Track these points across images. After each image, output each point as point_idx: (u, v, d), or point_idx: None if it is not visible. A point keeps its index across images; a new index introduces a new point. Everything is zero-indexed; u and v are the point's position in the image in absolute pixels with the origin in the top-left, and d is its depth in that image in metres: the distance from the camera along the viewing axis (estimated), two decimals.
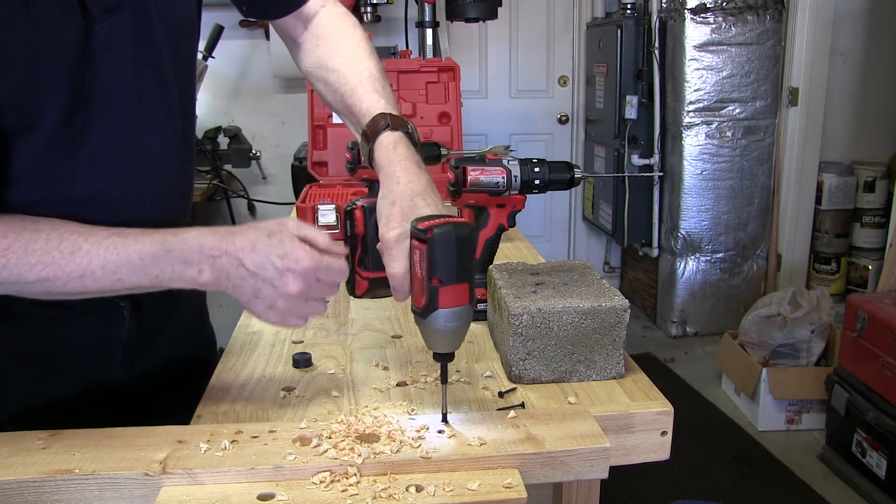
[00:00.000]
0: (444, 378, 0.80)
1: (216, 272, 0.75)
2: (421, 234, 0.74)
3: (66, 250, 0.72)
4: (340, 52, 0.99)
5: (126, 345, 0.94)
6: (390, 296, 0.84)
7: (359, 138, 0.94)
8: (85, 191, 0.82)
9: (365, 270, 0.89)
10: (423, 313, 0.76)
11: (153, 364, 0.99)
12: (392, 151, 0.86)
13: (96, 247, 0.73)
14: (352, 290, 0.92)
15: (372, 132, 0.88)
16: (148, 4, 0.83)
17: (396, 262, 0.79)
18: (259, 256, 0.74)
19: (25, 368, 0.89)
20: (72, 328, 0.89)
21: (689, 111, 3.38)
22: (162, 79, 0.87)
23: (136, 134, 0.85)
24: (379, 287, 0.89)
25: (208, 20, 2.89)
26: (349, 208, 0.88)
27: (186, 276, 0.75)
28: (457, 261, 0.74)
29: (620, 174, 3.69)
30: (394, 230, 0.79)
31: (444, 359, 0.79)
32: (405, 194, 0.82)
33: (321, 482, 0.67)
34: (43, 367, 0.89)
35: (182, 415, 0.87)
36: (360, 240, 0.89)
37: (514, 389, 0.92)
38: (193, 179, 1.03)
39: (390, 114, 0.89)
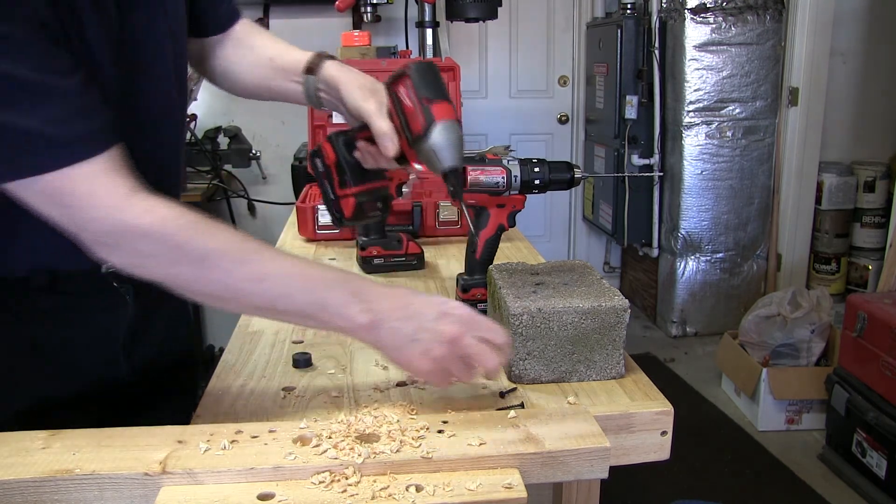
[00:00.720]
0: (459, 193, 0.86)
1: (376, 315, 0.77)
2: (400, 72, 0.87)
3: (247, 254, 0.76)
4: (262, 35, 1.09)
5: (128, 330, 0.96)
6: (375, 215, 0.93)
7: (294, 88, 1.01)
8: (136, 155, 0.86)
9: (347, 188, 0.94)
10: (425, 132, 0.85)
11: (149, 353, 1.01)
12: (341, 67, 0.97)
13: (278, 260, 0.77)
14: (339, 217, 0.95)
15: (316, 64, 0.98)
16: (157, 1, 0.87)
17: (382, 121, 0.88)
18: (420, 303, 0.79)
19: (32, 362, 0.90)
20: (78, 317, 0.90)
21: (689, 111, 3.38)
22: (165, 74, 0.92)
23: (149, 121, 0.90)
24: (366, 200, 0.94)
25: None
26: (315, 149, 0.95)
27: (349, 312, 0.77)
28: (436, 82, 0.87)
29: (620, 174, 3.69)
30: (370, 101, 0.90)
31: (455, 174, 0.86)
32: (365, 82, 0.93)
33: (321, 482, 0.67)
34: (48, 360, 0.90)
35: (171, 404, 0.88)
36: (333, 167, 0.94)
37: (514, 389, 0.92)
38: (184, 162, 1.07)
39: (325, 52, 1.00)
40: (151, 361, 1.02)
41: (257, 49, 1.06)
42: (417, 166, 0.91)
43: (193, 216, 0.75)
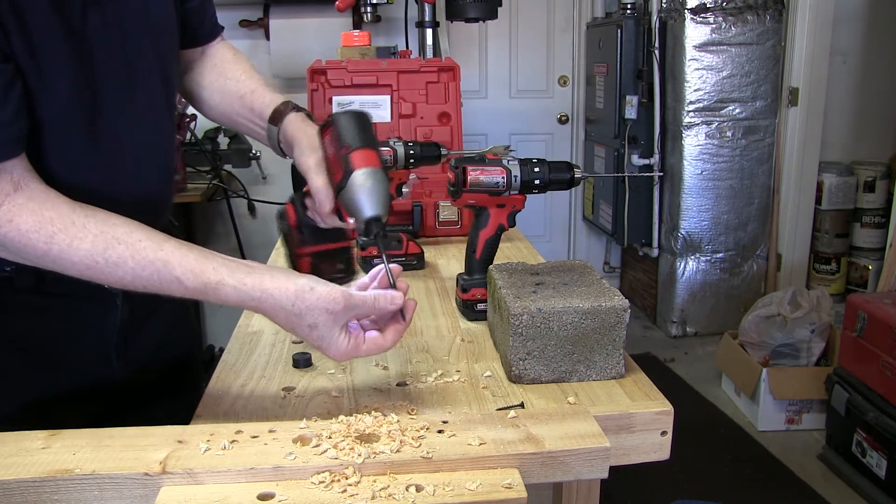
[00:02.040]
0: (381, 248, 0.82)
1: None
2: (325, 122, 0.87)
3: (110, 259, 0.74)
4: (237, 67, 1.10)
5: (119, 332, 0.96)
6: (338, 276, 0.91)
7: (258, 131, 1.03)
8: (100, 161, 0.86)
9: (305, 247, 0.94)
10: (342, 182, 0.83)
11: (144, 354, 1.01)
12: (301, 122, 0.97)
13: (140, 268, 0.75)
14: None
15: (279, 115, 0.99)
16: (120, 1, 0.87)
17: (318, 177, 0.88)
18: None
19: (23, 360, 0.90)
20: (67, 317, 0.91)
21: (689, 111, 3.38)
22: (146, 72, 0.91)
23: (125, 126, 0.89)
24: (321, 261, 0.93)
25: None
26: (280, 211, 0.95)
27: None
28: (359, 129, 0.85)
29: (620, 174, 3.69)
30: (311, 157, 0.90)
31: (376, 225, 0.83)
32: (316, 143, 0.92)
33: (321, 482, 0.67)
34: (40, 358, 0.91)
35: (171, 405, 0.88)
36: (294, 229, 0.94)
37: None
38: (173, 179, 1.07)
39: (292, 102, 1.01)
40: (147, 362, 1.01)
41: (230, 82, 1.07)
42: (351, 220, 0.87)
43: (55, 225, 0.74)
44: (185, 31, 1.03)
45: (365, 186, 0.81)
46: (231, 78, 1.08)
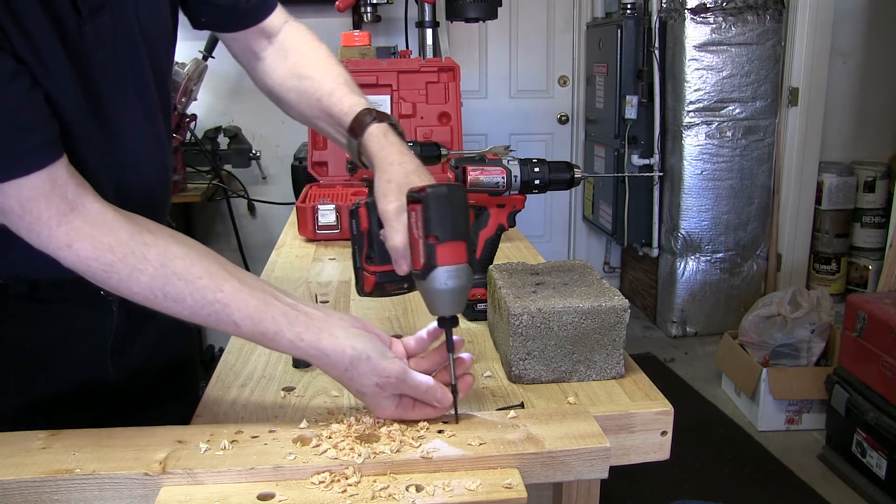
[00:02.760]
0: (450, 346, 0.78)
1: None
2: (415, 196, 0.76)
3: (169, 295, 0.73)
4: (312, 60, 1.00)
5: (115, 337, 0.95)
6: (400, 292, 0.85)
7: (339, 139, 0.95)
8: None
9: (372, 265, 0.89)
10: (422, 274, 0.76)
11: (140, 358, 1.00)
12: (384, 139, 0.88)
13: (199, 307, 0.73)
14: (360, 288, 0.91)
15: (360, 126, 0.90)
16: (127, 6, 0.84)
17: (397, 234, 0.80)
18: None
19: (16, 366, 0.89)
20: (62, 322, 0.90)
21: (689, 111, 3.38)
22: (142, 79, 0.89)
23: (119, 133, 0.87)
24: (387, 281, 0.89)
25: None
26: (354, 207, 0.89)
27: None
28: (451, 218, 0.75)
29: (620, 174, 3.69)
30: (392, 203, 0.81)
31: (448, 323, 0.78)
32: (400, 172, 0.84)
33: (321, 482, 0.67)
34: (34, 364, 0.90)
35: (168, 409, 0.88)
36: (365, 236, 0.88)
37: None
38: (171, 180, 1.03)
39: (374, 109, 0.91)
40: (143, 367, 1.00)
41: (305, 81, 0.98)
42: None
43: (115, 254, 0.72)
44: (222, 11, 0.98)
45: (447, 287, 0.75)
46: (306, 76, 0.98)
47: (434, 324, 0.79)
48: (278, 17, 1.03)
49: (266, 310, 0.74)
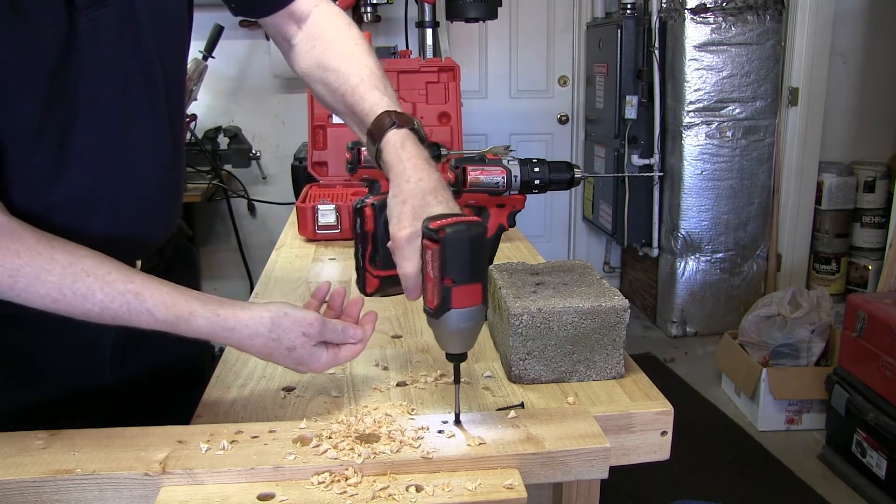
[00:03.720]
0: (456, 378, 0.80)
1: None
2: (433, 234, 0.72)
3: (78, 292, 0.72)
4: (338, 50, 0.96)
5: (114, 346, 0.94)
6: (401, 293, 0.84)
7: (363, 138, 0.92)
8: (67, 193, 0.82)
9: (376, 268, 0.89)
10: (435, 314, 0.74)
11: (143, 367, 0.99)
12: (401, 149, 0.83)
13: (109, 299, 0.72)
14: (363, 288, 0.91)
15: (378, 131, 0.85)
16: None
17: (408, 262, 0.77)
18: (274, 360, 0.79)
19: (13, 373, 0.88)
20: (59, 332, 0.88)
21: (689, 111, 3.38)
22: (148, 76, 0.87)
23: (121, 132, 0.85)
24: (390, 285, 0.88)
25: (208, 20, 2.89)
26: (359, 206, 0.87)
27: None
28: (469, 261, 0.72)
29: (620, 174, 3.69)
30: (405, 229, 0.77)
31: (457, 359, 0.79)
32: (416, 193, 0.79)
33: (321, 482, 0.67)
34: (31, 372, 0.89)
35: (172, 419, 0.87)
36: (370, 237, 0.88)
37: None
38: (183, 181, 1.02)
39: (395, 111, 0.87)
40: (147, 376, 0.99)
41: (329, 73, 0.95)
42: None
43: (22, 258, 0.71)
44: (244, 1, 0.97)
45: (459, 328, 0.74)
46: (331, 68, 0.95)
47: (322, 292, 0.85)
48: (308, 1, 1.00)
49: (178, 294, 0.74)
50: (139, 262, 0.99)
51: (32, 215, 0.77)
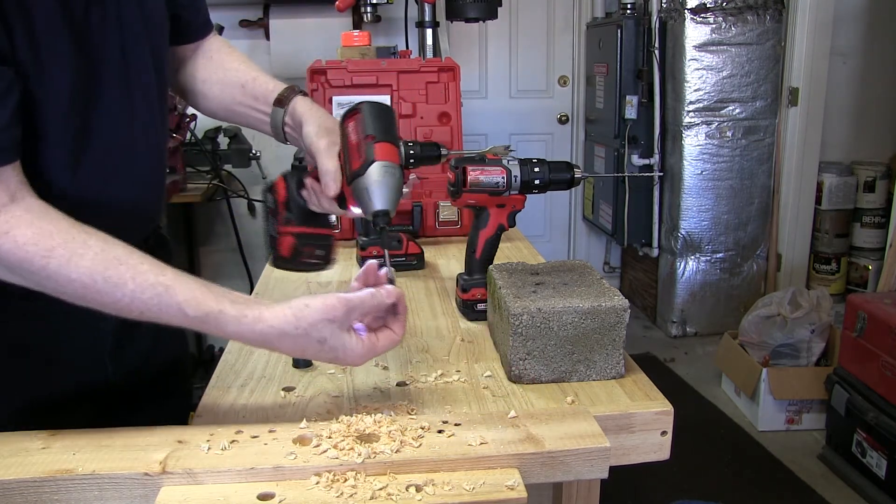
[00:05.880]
0: (384, 242, 0.85)
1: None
2: (353, 108, 0.87)
3: (110, 280, 0.72)
4: (236, 57, 1.09)
5: (114, 337, 0.95)
6: (315, 262, 0.91)
7: (260, 117, 1.02)
8: (92, 165, 0.84)
9: (289, 226, 0.93)
10: (361, 169, 0.83)
11: (137, 358, 1.00)
12: (311, 104, 0.97)
13: (140, 290, 0.72)
14: (276, 253, 0.94)
15: (287, 97, 0.98)
16: None
17: (329, 160, 0.88)
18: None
19: (13, 366, 0.89)
20: (60, 322, 0.89)
21: (689, 111, 3.38)
22: (143, 68, 0.90)
23: (122, 125, 0.88)
24: (304, 244, 0.93)
25: None
26: (270, 183, 0.95)
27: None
28: (385, 122, 0.85)
29: (620, 174, 3.69)
30: (323, 139, 0.90)
31: (383, 219, 0.83)
32: (328, 120, 0.94)
33: (321, 482, 0.67)
34: (31, 364, 0.90)
35: (162, 406, 0.87)
36: (281, 205, 0.94)
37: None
38: (166, 171, 1.05)
39: (297, 86, 1.00)
40: (139, 367, 1.00)
41: (230, 72, 1.06)
42: (354, 209, 0.88)
43: (55, 239, 0.72)
44: (177, 27, 1.02)
45: (383, 179, 0.82)
46: (230, 68, 1.07)
47: (364, 270, 0.81)
48: (215, 40, 1.11)
49: (208, 291, 0.74)
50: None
51: (63, 186, 0.80)
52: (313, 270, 0.90)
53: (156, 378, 1.05)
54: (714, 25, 3.30)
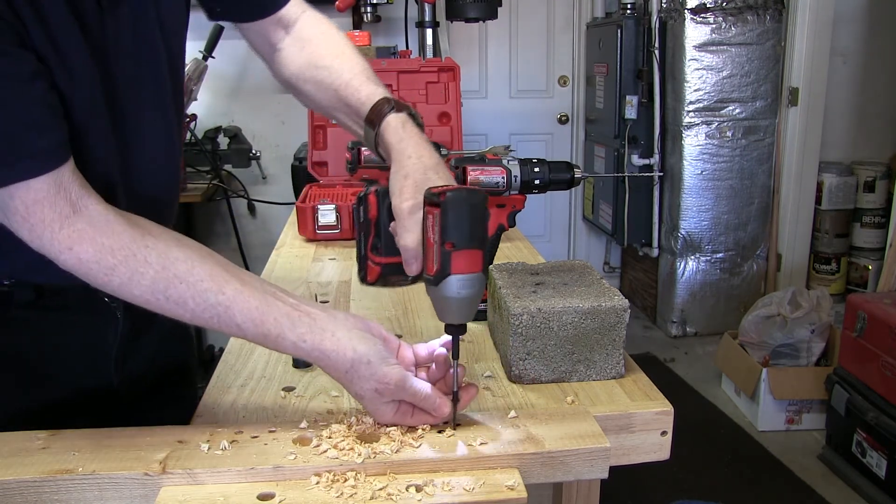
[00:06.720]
0: (455, 353, 0.77)
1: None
2: (434, 199, 0.73)
3: (171, 298, 0.72)
4: (329, 49, 0.98)
5: (120, 345, 0.94)
6: (402, 284, 0.84)
7: (357, 130, 0.93)
8: (130, 162, 0.85)
9: (377, 256, 0.88)
10: (434, 280, 0.74)
11: (141, 363, 0.99)
12: (402, 130, 0.85)
13: (200, 310, 0.72)
14: (364, 276, 0.91)
15: (377, 116, 0.87)
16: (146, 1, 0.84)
17: (409, 233, 0.78)
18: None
19: (21, 373, 0.88)
20: (66, 331, 0.89)
21: (689, 111, 3.38)
22: (158, 74, 0.89)
23: (135, 128, 0.87)
24: (391, 273, 0.88)
25: (208, 20, 2.89)
26: (363, 194, 0.87)
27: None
28: (469, 225, 0.73)
29: (620, 174, 3.69)
30: (407, 201, 0.78)
31: (456, 331, 0.76)
32: (418, 168, 0.81)
33: (321, 482, 0.67)
34: (36, 371, 0.89)
35: (167, 413, 0.87)
36: (372, 224, 0.87)
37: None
38: (180, 173, 1.03)
39: (392, 98, 0.89)
40: (143, 373, 1.00)
41: (322, 71, 0.96)
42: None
43: (116, 257, 0.71)
44: (238, 1, 0.97)
45: (459, 296, 0.74)
46: (323, 66, 0.96)
47: (448, 337, 0.77)
48: (295, 7, 1.01)
49: (268, 311, 0.73)
50: None
51: (113, 184, 0.80)
52: (403, 285, 0.88)
53: (160, 383, 1.04)
54: (714, 25, 3.30)
